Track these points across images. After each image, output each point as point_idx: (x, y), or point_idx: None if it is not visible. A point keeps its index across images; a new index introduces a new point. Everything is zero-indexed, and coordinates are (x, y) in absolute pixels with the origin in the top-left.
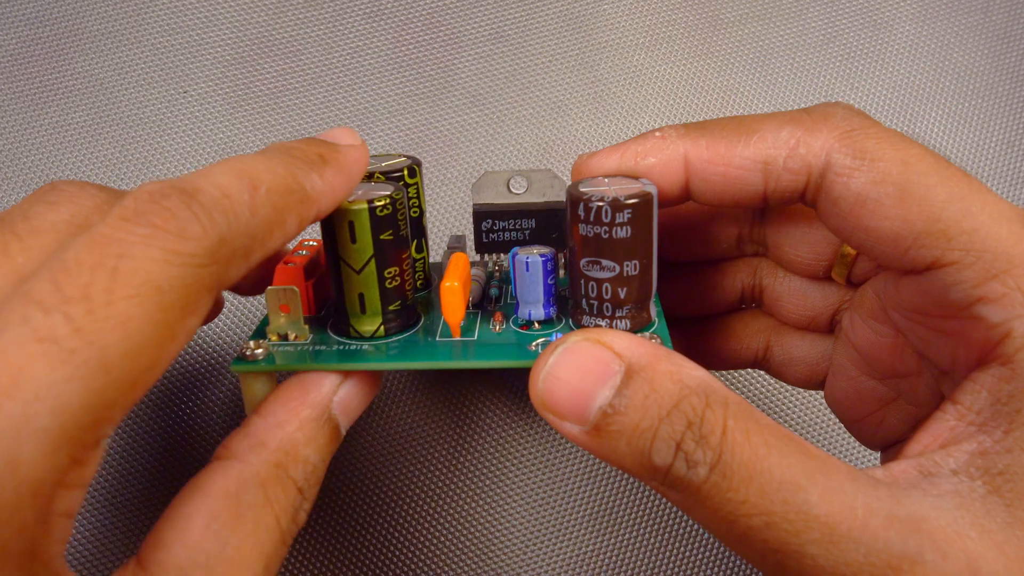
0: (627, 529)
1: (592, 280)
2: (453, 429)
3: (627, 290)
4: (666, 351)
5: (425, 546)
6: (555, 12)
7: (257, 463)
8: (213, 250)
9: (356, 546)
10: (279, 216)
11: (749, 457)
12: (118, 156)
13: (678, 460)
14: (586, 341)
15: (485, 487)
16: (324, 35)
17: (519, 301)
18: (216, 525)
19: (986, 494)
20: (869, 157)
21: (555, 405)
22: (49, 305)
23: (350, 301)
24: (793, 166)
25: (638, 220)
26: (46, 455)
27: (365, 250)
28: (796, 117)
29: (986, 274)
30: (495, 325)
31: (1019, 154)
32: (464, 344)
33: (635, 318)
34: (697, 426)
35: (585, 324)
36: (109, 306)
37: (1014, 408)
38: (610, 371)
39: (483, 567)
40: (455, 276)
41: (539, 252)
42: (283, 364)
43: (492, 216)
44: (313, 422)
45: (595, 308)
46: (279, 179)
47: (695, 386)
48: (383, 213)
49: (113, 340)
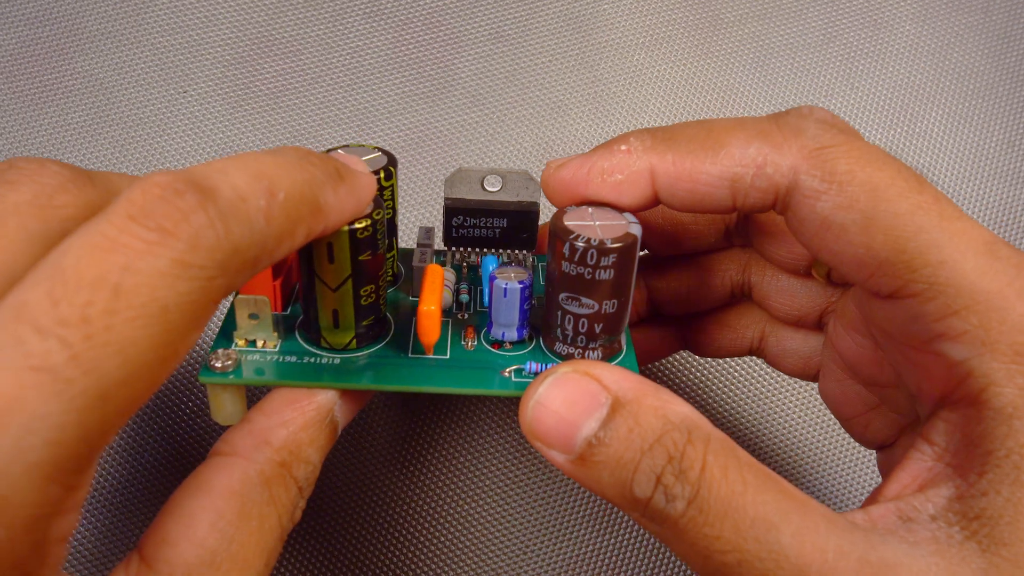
0: (627, 529)
1: (569, 314)
2: (453, 429)
3: (602, 325)
4: (653, 386)
5: (425, 546)
6: (555, 12)
7: (262, 461)
8: (225, 261)
9: (356, 546)
10: (291, 227)
11: (726, 493)
12: (118, 156)
13: (658, 493)
14: (575, 373)
15: (485, 487)
16: (324, 35)
17: (493, 322)
18: (222, 523)
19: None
20: (837, 180)
21: (542, 434)
22: (44, 327)
23: (324, 315)
24: (760, 185)
25: (621, 263)
26: (38, 490)
27: (343, 271)
28: (765, 130)
29: (947, 309)
30: (467, 342)
31: (1019, 154)
32: (437, 363)
33: (607, 349)
34: (677, 460)
35: (558, 351)
36: (109, 331)
37: (986, 450)
38: (597, 403)
39: (483, 567)
40: (432, 299)
41: (517, 278)
42: (254, 380)
43: (463, 212)
44: (317, 423)
45: (569, 338)
46: (297, 187)
47: (678, 422)
48: (363, 236)
49: (112, 367)
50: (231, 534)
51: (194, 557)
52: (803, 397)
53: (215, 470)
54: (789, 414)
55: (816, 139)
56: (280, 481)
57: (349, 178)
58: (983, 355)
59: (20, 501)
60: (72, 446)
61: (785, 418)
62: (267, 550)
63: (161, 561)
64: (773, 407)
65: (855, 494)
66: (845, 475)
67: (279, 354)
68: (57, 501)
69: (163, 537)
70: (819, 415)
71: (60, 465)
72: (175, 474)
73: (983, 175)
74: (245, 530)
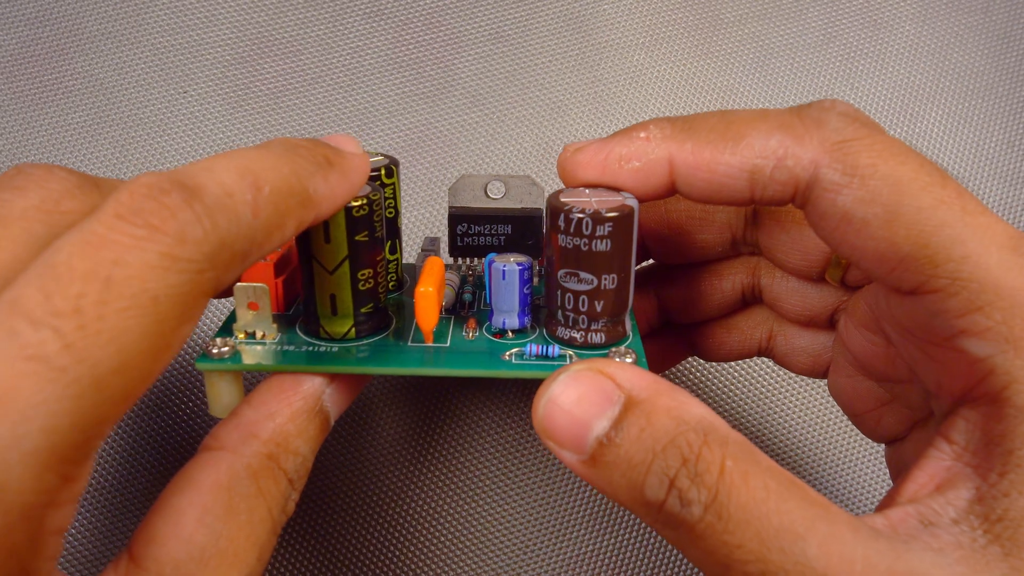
0: (627, 529)
1: (569, 292)
2: (452, 429)
3: (603, 303)
4: (669, 386)
5: (425, 546)
6: (555, 12)
7: (249, 454)
8: (213, 255)
9: (356, 545)
10: (280, 219)
11: (747, 500)
12: (118, 156)
13: (672, 497)
14: (589, 371)
15: (485, 487)
16: (324, 35)
17: (493, 309)
18: (209, 518)
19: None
20: (859, 174)
21: (554, 432)
22: (38, 318)
23: (321, 302)
24: (780, 177)
25: (618, 234)
26: (35, 477)
27: (339, 251)
28: (787, 122)
29: (970, 305)
30: (468, 332)
31: (1019, 154)
32: (436, 350)
33: (610, 332)
34: (692, 463)
35: (560, 335)
36: (101, 320)
37: (1007, 448)
38: (609, 402)
39: (483, 567)
40: (430, 281)
41: (516, 261)
42: (250, 364)
43: (468, 220)
44: (305, 414)
45: (571, 320)
46: (283, 180)
47: (694, 423)
48: (360, 214)
49: (105, 356)
50: (219, 529)
51: (182, 554)
52: (803, 397)
53: (202, 465)
54: (790, 414)
55: (838, 132)
56: (268, 473)
57: (339, 163)
58: (1006, 352)
59: (17, 488)
60: (68, 434)
61: (786, 418)
62: (258, 544)
63: (150, 559)
64: (773, 407)
65: (856, 494)
66: (847, 475)
67: (278, 344)
68: (54, 490)
69: (151, 535)
70: (820, 415)
71: (57, 453)
72: (170, 474)
73: (983, 175)
74: (234, 525)
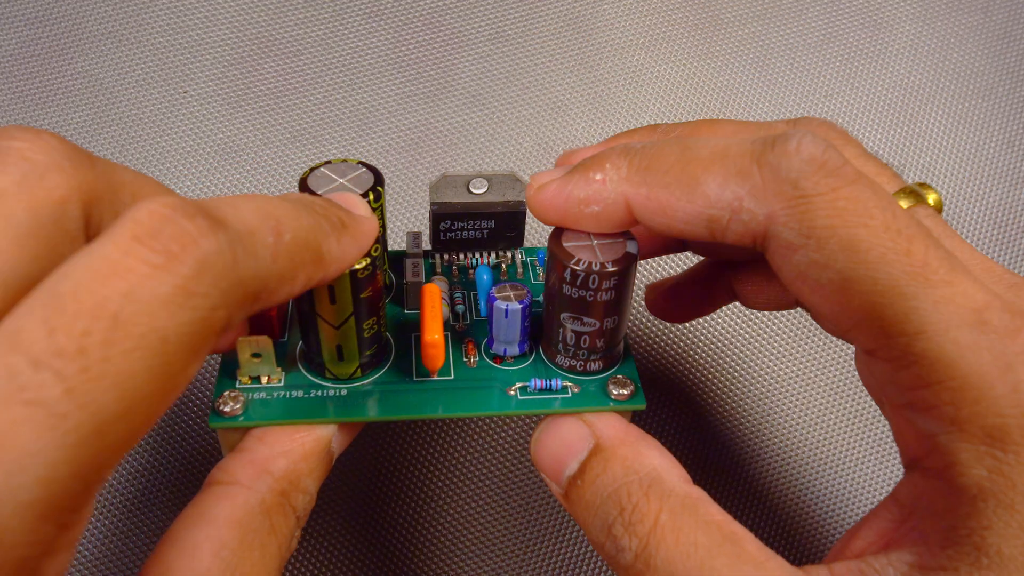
0: None
1: (571, 331)
2: (453, 428)
3: (604, 340)
4: (637, 435)
5: (425, 546)
6: (555, 12)
7: (264, 491)
8: (229, 291)
9: (356, 545)
10: (293, 271)
11: (674, 554)
12: (118, 156)
13: (609, 541)
14: (572, 417)
15: (485, 487)
16: (324, 35)
17: (494, 339)
18: (225, 553)
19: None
20: (816, 236)
21: (541, 466)
22: (39, 358)
23: (328, 350)
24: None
25: (621, 284)
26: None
27: (345, 310)
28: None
29: (920, 381)
30: (469, 359)
31: (1019, 154)
32: (443, 387)
33: (607, 359)
34: (628, 513)
35: (559, 363)
36: (106, 362)
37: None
38: (581, 446)
39: (483, 567)
40: (435, 327)
41: (517, 297)
42: (264, 420)
43: (450, 217)
44: (317, 455)
45: (571, 352)
46: (303, 231)
47: (643, 474)
48: (364, 275)
49: (108, 401)
50: (234, 564)
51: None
52: (804, 397)
53: (216, 499)
54: (790, 414)
55: (797, 186)
56: (280, 511)
57: (352, 226)
58: (952, 433)
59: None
60: (66, 484)
61: (786, 418)
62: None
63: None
64: (773, 406)
65: (856, 494)
66: (847, 475)
67: (284, 389)
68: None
69: (165, 568)
70: (820, 415)
71: (54, 504)
72: (175, 500)
73: (983, 175)
74: (248, 560)
